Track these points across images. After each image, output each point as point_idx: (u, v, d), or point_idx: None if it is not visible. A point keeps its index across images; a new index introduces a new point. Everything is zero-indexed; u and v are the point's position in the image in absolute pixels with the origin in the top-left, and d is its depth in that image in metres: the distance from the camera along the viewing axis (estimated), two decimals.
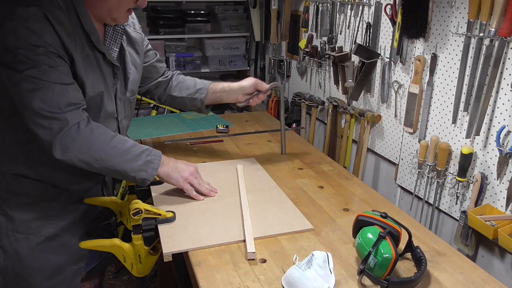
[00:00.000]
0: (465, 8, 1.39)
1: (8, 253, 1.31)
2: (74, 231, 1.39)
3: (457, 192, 1.50)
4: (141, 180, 1.25)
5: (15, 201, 1.30)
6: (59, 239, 1.35)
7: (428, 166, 1.58)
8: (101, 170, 1.21)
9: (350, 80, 1.94)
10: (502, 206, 1.35)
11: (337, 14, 2.08)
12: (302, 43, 2.38)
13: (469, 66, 1.40)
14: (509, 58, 1.28)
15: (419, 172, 1.64)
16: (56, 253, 1.35)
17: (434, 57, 1.53)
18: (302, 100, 2.41)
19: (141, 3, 1.26)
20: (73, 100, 1.15)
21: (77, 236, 1.39)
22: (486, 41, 1.33)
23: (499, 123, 1.33)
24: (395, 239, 1.06)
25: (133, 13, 1.42)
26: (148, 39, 2.45)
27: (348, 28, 2.02)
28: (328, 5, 2.13)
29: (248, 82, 1.56)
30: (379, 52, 1.82)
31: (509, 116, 1.29)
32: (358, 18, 1.93)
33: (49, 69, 1.10)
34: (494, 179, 1.36)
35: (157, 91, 1.66)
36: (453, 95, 1.48)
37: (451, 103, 1.49)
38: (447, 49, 1.49)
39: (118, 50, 1.33)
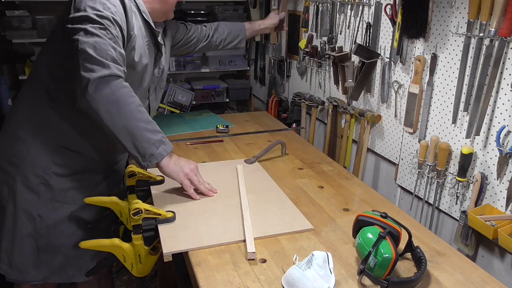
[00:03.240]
0: (465, 8, 1.39)
1: (45, 221, 1.42)
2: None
3: (457, 192, 1.50)
4: (149, 155, 1.29)
5: (55, 170, 1.42)
6: (89, 209, 1.48)
7: (428, 166, 1.58)
8: (119, 129, 1.25)
9: (350, 80, 1.94)
10: (502, 206, 1.35)
11: (337, 14, 2.08)
12: (302, 43, 2.38)
13: (469, 66, 1.40)
14: (509, 58, 1.28)
15: (419, 172, 1.64)
16: (86, 223, 1.48)
17: (434, 57, 1.53)
18: (302, 100, 2.41)
19: None
20: (118, 60, 1.26)
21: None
22: (486, 41, 1.33)
23: (499, 123, 1.33)
24: (395, 239, 1.06)
25: None
26: None
27: (348, 28, 2.02)
28: (328, 5, 2.13)
29: (274, 20, 2.17)
30: (379, 52, 1.82)
31: (509, 116, 1.29)
32: (358, 18, 1.93)
33: (108, 29, 1.24)
34: (494, 179, 1.36)
35: (206, 43, 1.99)
36: (453, 95, 1.48)
37: (451, 103, 1.49)
38: (447, 49, 1.49)
39: (162, 42, 1.56)
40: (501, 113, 1.32)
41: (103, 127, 1.25)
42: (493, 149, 1.36)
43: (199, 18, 3.11)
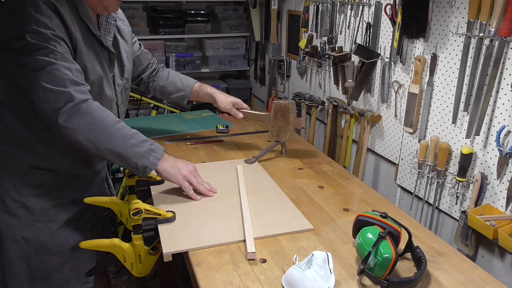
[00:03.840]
0: (465, 8, 1.39)
1: (31, 242, 1.38)
2: (87, 215, 1.46)
3: (457, 192, 1.50)
4: (142, 168, 1.28)
5: (31, 192, 1.36)
6: (74, 223, 1.44)
7: (428, 166, 1.58)
8: (104, 152, 1.24)
9: (350, 80, 1.94)
10: (502, 206, 1.35)
11: (337, 14, 2.08)
12: (302, 43, 2.38)
13: (469, 66, 1.40)
14: (509, 58, 1.28)
15: (419, 172, 1.64)
16: (73, 235, 1.44)
17: (434, 57, 1.53)
18: (302, 100, 2.41)
19: None
20: (77, 80, 1.20)
21: (90, 219, 1.47)
22: (486, 41, 1.33)
23: (499, 123, 1.33)
24: (395, 239, 1.06)
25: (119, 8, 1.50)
26: (148, 39, 2.51)
27: (348, 28, 2.02)
28: (328, 5, 2.13)
29: (225, 106, 1.74)
30: (379, 52, 1.82)
31: (509, 116, 1.29)
32: (358, 18, 1.93)
33: (54, 50, 1.17)
34: (494, 179, 1.36)
35: (144, 85, 1.82)
36: (453, 95, 1.48)
37: (451, 103, 1.49)
38: (447, 49, 1.49)
39: (112, 39, 1.41)
40: (501, 113, 1.32)
41: (89, 153, 1.24)
42: (493, 149, 1.36)
43: (199, 18, 3.11)
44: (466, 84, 1.42)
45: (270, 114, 1.72)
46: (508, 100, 1.29)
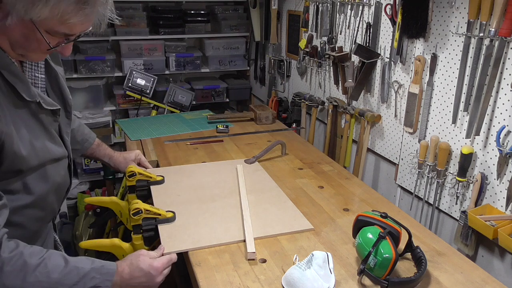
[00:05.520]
0: (465, 8, 1.39)
1: None
2: None
3: (457, 192, 1.50)
4: None
5: None
6: None
7: (428, 166, 1.58)
8: None
9: (350, 80, 1.94)
10: (502, 206, 1.35)
11: (337, 14, 2.08)
12: (302, 43, 2.38)
13: (469, 66, 1.40)
14: (509, 58, 1.28)
15: (419, 172, 1.64)
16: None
17: (434, 57, 1.53)
18: (302, 100, 2.41)
19: (62, 50, 0.95)
20: None
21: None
22: (486, 41, 1.33)
23: (499, 123, 1.33)
24: (395, 239, 1.06)
25: None
26: (148, 39, 2.42)
27: (348, 28, 2.02)
28: (328, 5, 2.13)
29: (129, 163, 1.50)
30: (379, 52, 1.82)
31: (509, 116, 1.29)
32: (358, 18, 1.93)
33: None
34: (494, 179, 1.36)
35: None
36: (453, 95, 1.48)
37: (451, 103, 1.49)
38: (447, 49, 1.49)
39: (43, 75, 1.04)
40: (501, 113, 1.32)
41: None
42: (493, 149, 1.36)
43: (199, 18, 3.11)
44: (466, 84, 1.42)
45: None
46: (508, 100, 1.29)
